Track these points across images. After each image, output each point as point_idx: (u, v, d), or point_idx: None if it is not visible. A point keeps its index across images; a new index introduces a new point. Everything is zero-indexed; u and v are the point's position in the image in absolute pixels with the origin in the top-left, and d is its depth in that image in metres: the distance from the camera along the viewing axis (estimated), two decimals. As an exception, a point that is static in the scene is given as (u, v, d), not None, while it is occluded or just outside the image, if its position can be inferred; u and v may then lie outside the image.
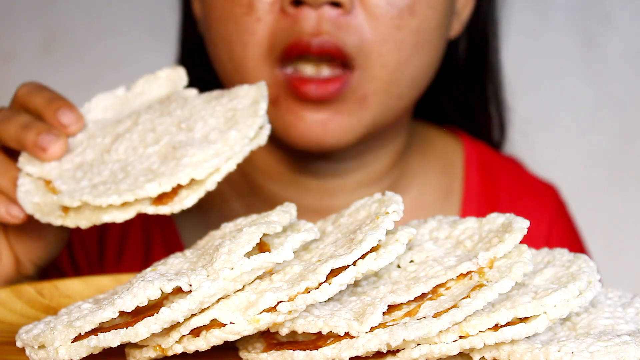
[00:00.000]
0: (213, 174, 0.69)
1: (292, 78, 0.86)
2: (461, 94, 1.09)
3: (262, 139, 0.72)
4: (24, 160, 0.74)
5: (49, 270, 0.97)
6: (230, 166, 0.70)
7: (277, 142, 0.92)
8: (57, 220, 0.71)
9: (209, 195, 1.00)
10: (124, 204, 0.69)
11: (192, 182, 0.69)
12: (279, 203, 0.97)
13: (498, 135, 1.12)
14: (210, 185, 0.69)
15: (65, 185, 0.72)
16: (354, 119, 0.87)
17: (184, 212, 1.01)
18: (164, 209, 0.69)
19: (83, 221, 0.70)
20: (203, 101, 0.76)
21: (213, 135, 0.71)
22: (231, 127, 0.72)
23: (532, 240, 1.05)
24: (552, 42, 1.63)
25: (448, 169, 1.06)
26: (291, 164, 0.96)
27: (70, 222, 0.71)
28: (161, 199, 0.69)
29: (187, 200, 0.69)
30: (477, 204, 1.04)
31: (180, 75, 0.81)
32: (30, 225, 0.77)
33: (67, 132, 0.75)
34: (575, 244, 1.08)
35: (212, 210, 1.00)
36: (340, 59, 0.85)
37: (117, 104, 0.79)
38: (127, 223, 1.00)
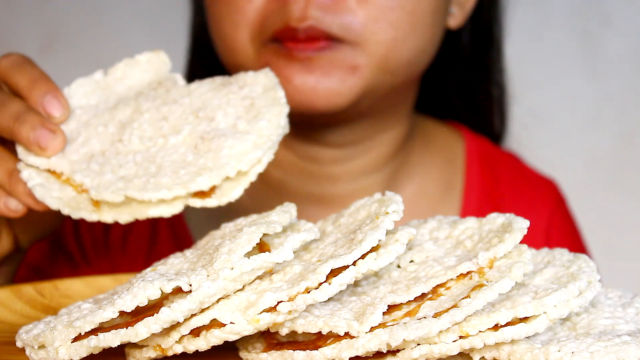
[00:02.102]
0: (255, 165, 0.69)
1: (281, 46, 0.87)
2: (465, 83, 1.10)
3: (287, 128, 0.72)
4: (23, 151, 0.72)
5: (57, 254, 0.98)
6: (270, 157, 0.69)
7: None
8: (92, 216, 0.69)
9: None
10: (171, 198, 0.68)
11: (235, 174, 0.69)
12: (283, 191, 0.98)
13: (499, 125, 1.13)
14: (253, 176, 0.69)
15: (88, 178, 0.70)
16: (344, 84, 0.87)
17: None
18: (211, 202, 0.68)
19: (124, 216, 0.69)
20: (210, 89, 0.75)
21: (242, 126, 0.71)
22: (257, 117, 0.71)
23: (531, 233, 1.05)
24: (553, 42, 1.63)
25: (449, 162, 1.07)
26: (292, 149, 0.97)
27: (109, 217, 0.69)
28: (203, 191, 0.68)
29: (233, 192, 0.68)
30: (477, 197, 1.04)
31: (163, 59, 0.79)
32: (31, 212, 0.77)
33: (55, 122, 0.73)
34: (574, 238, 1.09)
35: None
36: (328, 41, 0.86)
37: (98, 90, 0.77)
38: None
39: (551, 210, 1.08)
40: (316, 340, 0.59)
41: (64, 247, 1.00)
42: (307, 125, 0.93)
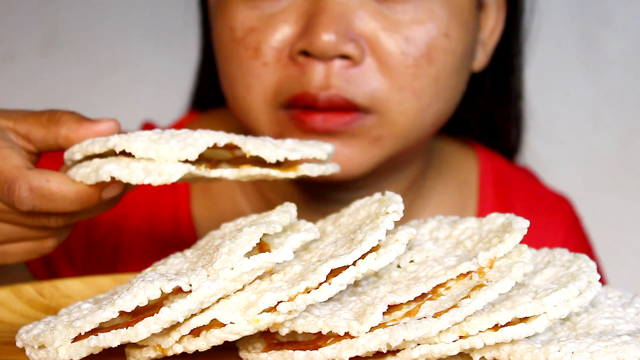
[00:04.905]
0: None
1: (296, 113, 0.84)
2: (484, 109, 1.08)
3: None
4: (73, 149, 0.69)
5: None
6: None
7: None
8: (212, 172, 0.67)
9: (227, 211, 0.99)
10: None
11: None
12: None
13: (514, 141, 1.11)
14: None
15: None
16: (365, 155, 0.85)
17: (203, 228, 0.99)
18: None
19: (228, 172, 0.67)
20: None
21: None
22: None
23: None
24: (553, 42, 1.63)
25: (463, 185, 1.05)
26: (307, 191, 0.95)
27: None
28: None
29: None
30: None
31: None
32: None
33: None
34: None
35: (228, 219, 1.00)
36: (350, 111, 0.83)
37: None
38: (148, 223, 1.00)
39: (566, 231, 1.06)
40: (316, 340, 0.59)
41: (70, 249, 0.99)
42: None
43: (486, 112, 1.08)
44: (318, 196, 0.95)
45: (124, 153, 0.67)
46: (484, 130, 1.09)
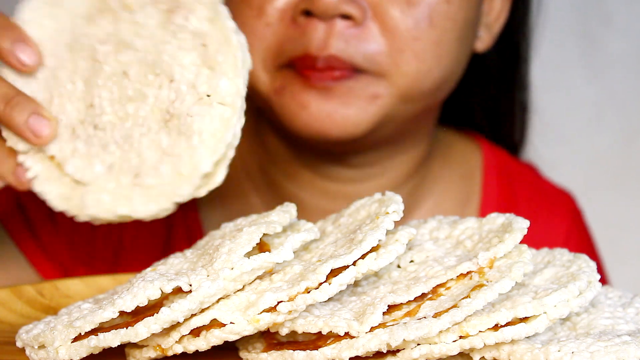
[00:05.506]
0: (229, 149, 0.65)
1: (299, 69, 0.85)
2: (489, 99, 1.09)
3: (248, 62, 0.66)
4: (12, 137, 0.67)
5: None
6: (240, 126, 0.65)
7: (297, 143, 0.92)
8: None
9: (230, 188, 1.00)
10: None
11: None
12: (298, 205, 0.98)
13: (518, 136, 1.12)
14: (230, 155, 0.65)
15: (80, 173, 0.67)
16: (361, 113, 0.85)
17: (207, 206, 1.00)
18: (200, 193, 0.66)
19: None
20: (158, 23, 0.68)
21: (202, 88, 0.65)
22: (215, 72, 0.66)
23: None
24: (553, 42, 1.63)
25: (467, 177, 1.06)
26: (310, 167, 0.96)
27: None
28: None
29: (216, 179, 0.65)
30: (494, 211, 1.04)
31: None
32: None
33: (27, 72, 0.68)
34: (591, 254, 1.08)
35: (233, 204, 1.01)
36: (348, 71, 0.84)
37: (47, 8, 0.70)
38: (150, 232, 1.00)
39: (569, 225, 1.07)
40: (316, 340, 0.59)
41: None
42: (326, 146, 0.92)
43: (491, 102, 1.09)
44: (324, 173, 0.96)
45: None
46: (489, 121, 1.10)
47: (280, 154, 0.98)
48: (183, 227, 1.00)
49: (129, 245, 1.00)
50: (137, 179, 0.66)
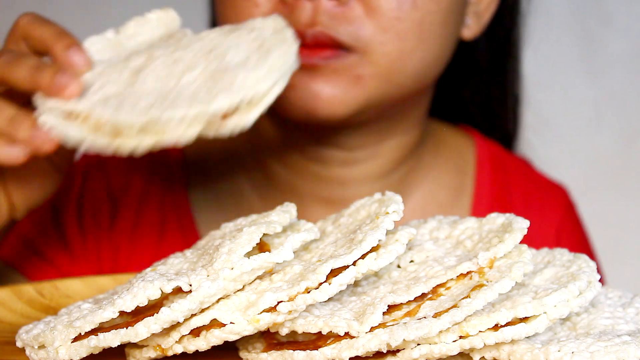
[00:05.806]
0: (268, 94, 0.67)
1: None
2: (481, 92, 1.10)
3: (296, 64, 0.71)
4: (41, 98, 0.70)
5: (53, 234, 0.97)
6: (283, 84, 0.68)
7: (286, 125, 0.93)
8: (114, 142, 0.66)
9: (223, 182, 1.01)
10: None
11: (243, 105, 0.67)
12: (292, 192, 0.99)
13: (511, 130, 1.13)
14: (267, 102, 0.67)
15: (107, 111, 0.67)
16: (348, 94, 0.87)
17: (200, 199, 1.01)
18: (229, 125, 0.66)
19: (147, 139, 0.66)
20: (219, 35, 0.74)
21: (253, 60, 0.69)
22: (268, 52, 0.70)
23: (541, 240, 1.04)
24: (553, 42, 1.63)
25: (460, 167, 1.07)
26: (300, 150, 0.97)
27: (130, 143, 0.66)
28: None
29: (250, 115, 0.66)
30: (487, 202, 1.04)
31: (172, 17, 0.79)
32: (29, 171, 0.76)
33: (79, 73, 0.72)
34: (584, 245, 1.09)
35: (227, 198, 1.01)
36: (334, 48, 0.86)
37: (110, 47, 0.76)
38: (141, 210, 1.00)
39: (561, 217, 1.08)
40: (316, 340, 0.59)
41: (64, 233, 0.99)
42: (315, 127, 0.93)
43: (483, 93, 1.10)
44: (315, 156, 0.97)
45: None
46: (482, 113, 1.11)
47: (271, 138, 0.99)
48: (171, 205, 1.01)
49: (125, 244, 1.00)
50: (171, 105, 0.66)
